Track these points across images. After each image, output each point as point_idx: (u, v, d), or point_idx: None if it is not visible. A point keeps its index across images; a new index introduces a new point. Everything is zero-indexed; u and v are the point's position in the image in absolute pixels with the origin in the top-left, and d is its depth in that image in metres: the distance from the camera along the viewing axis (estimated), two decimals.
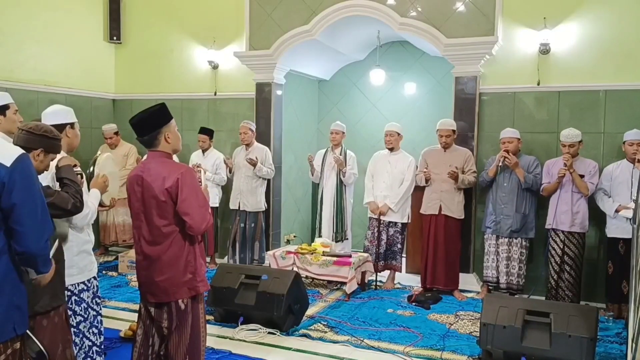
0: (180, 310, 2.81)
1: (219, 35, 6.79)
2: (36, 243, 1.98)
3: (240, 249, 6.20)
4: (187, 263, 2.81)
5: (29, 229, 1.94)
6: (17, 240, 1.94)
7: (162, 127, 2.77)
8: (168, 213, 2.74)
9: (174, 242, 2.77)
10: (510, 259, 5.18)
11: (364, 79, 7.49)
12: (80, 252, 2.93)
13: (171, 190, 2.70)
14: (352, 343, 4.15)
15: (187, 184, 2.73)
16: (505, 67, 5.61)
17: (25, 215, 1.93)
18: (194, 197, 2.74)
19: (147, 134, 2.77)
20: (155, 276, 2.79)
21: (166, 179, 2.70)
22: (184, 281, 2.79)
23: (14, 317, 1.96)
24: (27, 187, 1.94)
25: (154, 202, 2.74)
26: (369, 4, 5.91)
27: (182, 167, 2.82)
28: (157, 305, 2.85)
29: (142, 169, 2.81)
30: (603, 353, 4.03)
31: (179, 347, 2.81)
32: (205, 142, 6.46)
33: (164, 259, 2.77)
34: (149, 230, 2.79)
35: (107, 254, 6.94)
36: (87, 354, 3.02)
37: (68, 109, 3.03)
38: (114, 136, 6.79)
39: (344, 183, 6.01)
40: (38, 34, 6.40)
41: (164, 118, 2.79)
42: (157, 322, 2.85)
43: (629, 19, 5.14)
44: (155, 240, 2.78)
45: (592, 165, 4.91)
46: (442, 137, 5.40)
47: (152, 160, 2.80)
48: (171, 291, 2.79)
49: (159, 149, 2.80)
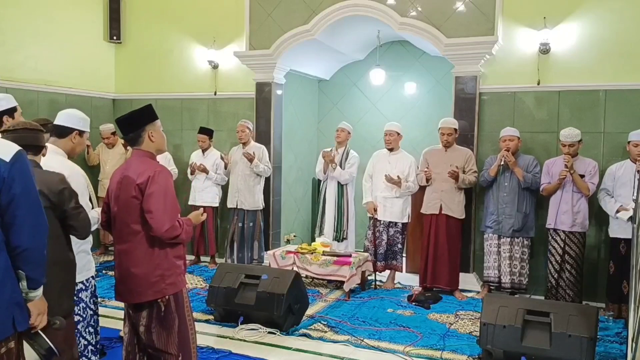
0: (160, 310, 2.77)
1: (219, 35, 6.79)
2: (32, 237, 1.99)
3: (238, 248, 6.20)
4: (156, 265, 2.73)
5: (26, 222, 1.96)
6: (14, 235, 1.95)
7: (146, 125, 2.78)
8: (136, 210, 2.70)
9: (140, 242, 2.72)
10: (513, 259, 5.18)
11: (364, 79, 7.49)
12: (79, 252, 2.94)
13: (142, 186, 2.67)
14: (352, 343, 4.15)
15: (157, 182, 2.68)
16: (505, 67, 5.61)
17: (23, 209, 1.95)
18: (161, 197, 2.67)
19: (132, 132, 2.78)
20: (124, 275, 2.77)
21: (140, 175, 2.68)
22: (151, 282, 2.72)
23: (13, 314, 1.96)
24: (25, 181, 1.98)
25: (127, 198, 2.71)
26: (369, 3, 5.91)
27: (159, 167, 2.78)
28: (134, 305, 2.81)
29: (125, 166, 2.83)
30: (603, 353, 4.03)
31: (167, 345, 2.79)
32: (205, 142, 6.46)
33: (130, 257, 2.74)
34: (119, 227, 2.78)
35: (107, 254, 6.94)
36: (83, 353, 3.02)
37: (85, 118, 3.07)
38: (111, 136, 6.80)
39: (337, 179, 5.98)
40: (38, 34, 6.40)
41: (148, 117, 2.81)
42: (135, 321, 2.82)
43: (629, 19, 5.14)
44: (124, 238, 2.76)
45: (591, 164, 4.91)
46: (444, 135, 5.40)
47: (134, 158, 2.81)
48: (136, 292, 2.74)
49: (142, 148, 2.80)
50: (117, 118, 2.84)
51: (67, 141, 2.99)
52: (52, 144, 2.98)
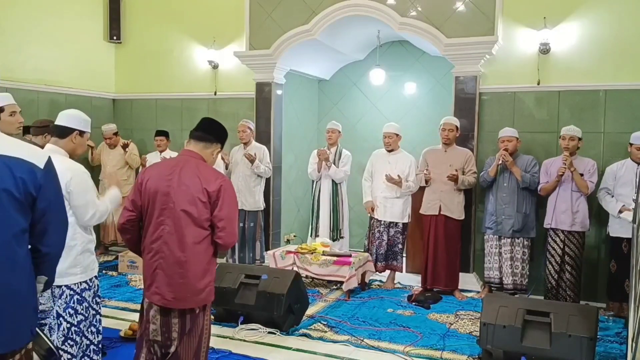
0: (194, 316, 2.76)
1: (219, 35, 6.79)
2: (61, 242, 2.07)
3: (239, 249, 6.20)
4: (209, 273, 2.84)
5: (58, 228, 2.03)
6: (45, 241, 1.98)
7: (218, 142, 2.93)
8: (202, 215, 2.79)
9: (201, 250, 2.79)
10: (514, 259, 5.18)
11: (364, 79, 7.48)
12: (84, 251, 2.95)
13: (212, 194, 2.78)
14: (352, 343, 4.15)
15: (230, 192, 2.83)
16: (505, 66, 5.61)
17: (56, 215, 2.01)
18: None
19: (213, 137, 2.89)
20: (175, 280, 2.76)
21: (209, 182, 2.80)
22: (200, 289, 2.77)
23: (31, 321, 1.99)
24: (57, 187, 2.04)
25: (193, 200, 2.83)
26: (369, 3, 5.91)
27: (222, 175, 2.92)
28: (165, 310, 2.77)
29: (186, 166, 2.88)
30: (603, 353, 4.03)
31: (188, 350, 2.78)
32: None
33: (190, 265, 2.80)
34: (173, 230, 2.80)
35: (107, 254, 6.94)
36: (85, 353, 3.03)
37: (86, 119, 3.08)
38: (113, 136, 6.79)
39: (332, 178, 5.98)
40: (38, 34, 6.40)
41: (223, 138, 3.01)
42: (164, 326, 2.77)
43: (629, 19, 5.14)
44: (179, 245, 2.82)
45: (590, 164, 4.92)
46: (445, 130, 5.39)
47: (195, 161, 2.87)
48: (189, 299, 2.75)
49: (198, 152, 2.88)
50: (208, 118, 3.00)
51: (67, 141, 3.00)
52: (53, 144, 2.99)
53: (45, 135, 4.11)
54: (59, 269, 2.29)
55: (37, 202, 1.92)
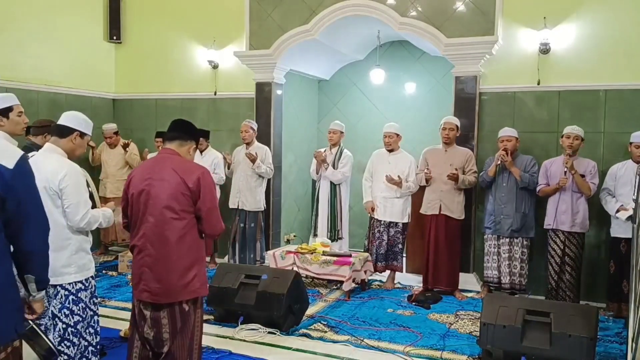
0: (183, 311, 2.79)
1: (219, 35, 6.79)
2: (40, 240, 2.05)
3: (240, 249, 6.20)
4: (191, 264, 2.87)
5: (34, 226, 2.02)
6: (21, 240, 1.98)
7: (196, 140, 3.17)
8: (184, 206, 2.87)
9: (180, 241, 2.83)
10: (512, 259, 5.17)
11: (364, 79, 7.48)
12: (79, 251, 2.95)
13: (193, 186, 2.87)
14: (352, 343, 4.15)
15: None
16: (505, 66, 5.61)
17: (30, 213, 2.01)
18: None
19: (187, 135, 3.05)
20: (161, 274, 2.81)
21: (188, 173, 2.89)
22: (187, 282, 2.80)
23: (15, 319, 2.00)
24: (30, 186, 2.03)
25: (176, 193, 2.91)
26: (369, 3, 5.91)
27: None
28: (155, 305, 2.81)
29: (166, 164, 2.97)
30: (603, 353, 4.03)
31: (182, 349, 2.80)
32: (202, 143, 6.46)
33: (170, 258, 2.86)
34: (155, 225, 2.85)
35: (107, 254, 6.94)
36: (83, 354, 3.03)
37: (88, 122, 3.12)
38: (113, 136, 6.79)
39: (329, 179, 5.98)
40: (38, 34, 6.40)
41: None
42: (153, 322, 2.80)
43: (629, 19, 5.14)
44: (161, 238, 2.87)
45: (591, 164, 4.91)
46: (445, 129, 5.39)
47: (178, 157, 3.00)
48: (173, 292, 2.79)
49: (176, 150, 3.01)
50: (178, 119, 3.15)
51: (67, 141, 3.00)
52: (52, 143, 2.99)
53: (45, 135, 4.11)
54: (52, 268, 2.29)
55: (7, 202, 1.93)
